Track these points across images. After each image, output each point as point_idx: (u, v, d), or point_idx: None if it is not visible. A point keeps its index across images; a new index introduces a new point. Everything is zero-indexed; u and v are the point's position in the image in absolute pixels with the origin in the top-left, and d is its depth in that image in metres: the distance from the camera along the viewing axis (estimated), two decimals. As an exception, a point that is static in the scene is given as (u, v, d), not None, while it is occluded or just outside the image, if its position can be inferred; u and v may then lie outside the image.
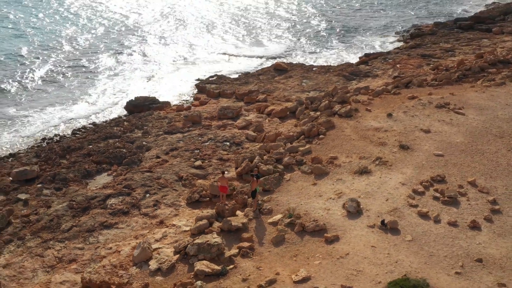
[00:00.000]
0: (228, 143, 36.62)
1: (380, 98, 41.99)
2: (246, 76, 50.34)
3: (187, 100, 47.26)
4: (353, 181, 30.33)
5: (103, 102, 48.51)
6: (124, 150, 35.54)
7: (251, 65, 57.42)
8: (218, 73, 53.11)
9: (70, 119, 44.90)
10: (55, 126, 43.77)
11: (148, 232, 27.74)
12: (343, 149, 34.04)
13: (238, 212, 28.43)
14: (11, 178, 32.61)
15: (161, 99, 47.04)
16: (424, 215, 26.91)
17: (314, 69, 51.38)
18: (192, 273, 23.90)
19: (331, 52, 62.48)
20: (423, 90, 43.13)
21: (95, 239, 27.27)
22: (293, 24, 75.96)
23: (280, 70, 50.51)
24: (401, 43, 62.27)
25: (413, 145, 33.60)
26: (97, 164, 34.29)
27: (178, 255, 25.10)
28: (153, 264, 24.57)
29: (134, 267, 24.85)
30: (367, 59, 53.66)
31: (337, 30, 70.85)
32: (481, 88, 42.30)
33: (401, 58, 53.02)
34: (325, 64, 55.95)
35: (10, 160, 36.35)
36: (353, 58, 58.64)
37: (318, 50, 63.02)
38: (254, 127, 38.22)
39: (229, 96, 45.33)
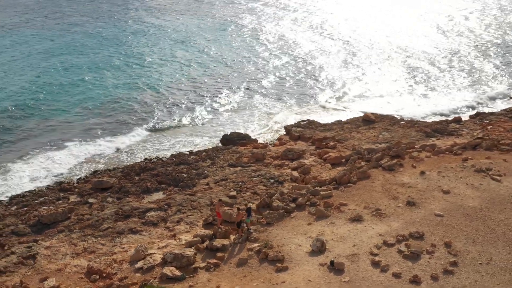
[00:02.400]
0: (272, 180, 42.07)
1: (438, 157, 43.92)
2: (332, 124, 54.87)
3: (274, 140, 53.41)
4: (342, 226, 34.06)
5: (217, 134, 56.92)
6: (185, 175, 43.06)
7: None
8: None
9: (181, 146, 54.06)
10: (166, 150, 53.06)
11: (158, 241, 34.68)
12: (358, 198, 37.55)
13: (232, 236, 34.02)
14: (91, 186, 42.00)
15: (259, 137, 54.14)
16: (375, 264, 29.95)
17: (401, 122, 54.03)
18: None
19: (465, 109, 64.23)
20: (485, 154, 43.95)
21: (120, 240, 34.86)
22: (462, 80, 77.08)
23: (368, 121, 54.12)
24: (520, 105, 61.24)
25: (420, 203, 35.98)
26: (159, 184, 42.23)
27: (161, 260, 31.59)
28: (139, 264, 31.38)
29: (128, 264, 31.89)
30: (458, 118, 54.69)
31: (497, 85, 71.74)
32: (544, 159, 42.04)
33: (499, 120, 53.12)
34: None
35: (109, 172, 46.05)
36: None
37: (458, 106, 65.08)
38: (302, 169, 43.15)
39: (307, 140, 50.52)
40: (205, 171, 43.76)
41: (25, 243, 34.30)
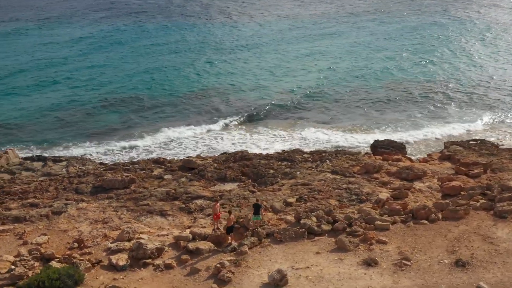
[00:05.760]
0: (354, 196, 35.20)
1: None
2: (505, 149, 42.58)
3: (429, 154, 44.51)
4: (345, 265, 26.83)
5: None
6: (272, 171, 38.98)
7: None
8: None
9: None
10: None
11: (168, 228, 32.52)
12: (411, 240, 29.08)
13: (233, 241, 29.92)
14: (180, 163, 41.36)
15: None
16: (318, 321, 22.99)
17: None
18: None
19: None
20: None
21: (142, 219, 33.68)
22: None
23: (560, 153, 40.34)
24: None
25: (475, 267, 25.95)
26: (242, 174, 39.17)
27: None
28: (112, 244, 29.99)
29: (110, 242, 30.71)
30: None
31: None
32: None
33: None
34: None
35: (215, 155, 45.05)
36: None
37: None
38: (397, 193, 34.95)
39: (455, 162, 40.48)
40: (298, 172, 38.83)
41: (70, 200, 35.64)
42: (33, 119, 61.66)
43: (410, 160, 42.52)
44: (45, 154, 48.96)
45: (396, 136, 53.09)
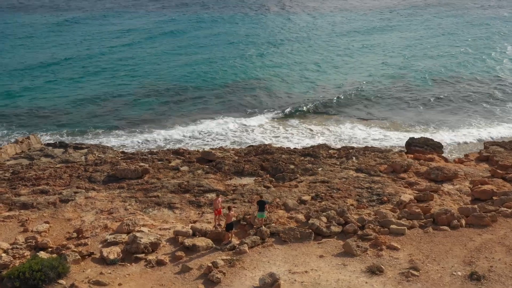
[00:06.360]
0: (375, 197, 32.80)
1: None
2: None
3: (466, 154, 41.26)
4: (347, 272, 24.73)
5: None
6: (292, 167, 36.94)
7: None
8: None
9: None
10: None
11: (172, 222, 31.09)
12: (426, 247, 26.63)
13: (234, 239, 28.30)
14: (199, 155, 39.84)
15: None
16: (303, 331, 21.00)
17: None
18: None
19: None
20: None
21: (149, 211, 32.36)
22: None
23: None
24: None
25: (491, 281, 23.37)
26: (261, 169, 37.29)
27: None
28: (109, 236, 28.78)
29: (109, 233, 29.53)
30: None
31: None
32: None
33: None
34: None
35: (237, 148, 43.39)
36: None
37: None
38: (421, 195, 32.28)
39: (494, 164, 37.25)
40: (319, 169, 36.64)
41: (80, 189, 34.78)
42: (73, 106, 61.70)
43: (445, 160, 39.51)
44: (76, 141, 48.55)
45: (439, 135, 49.90)
